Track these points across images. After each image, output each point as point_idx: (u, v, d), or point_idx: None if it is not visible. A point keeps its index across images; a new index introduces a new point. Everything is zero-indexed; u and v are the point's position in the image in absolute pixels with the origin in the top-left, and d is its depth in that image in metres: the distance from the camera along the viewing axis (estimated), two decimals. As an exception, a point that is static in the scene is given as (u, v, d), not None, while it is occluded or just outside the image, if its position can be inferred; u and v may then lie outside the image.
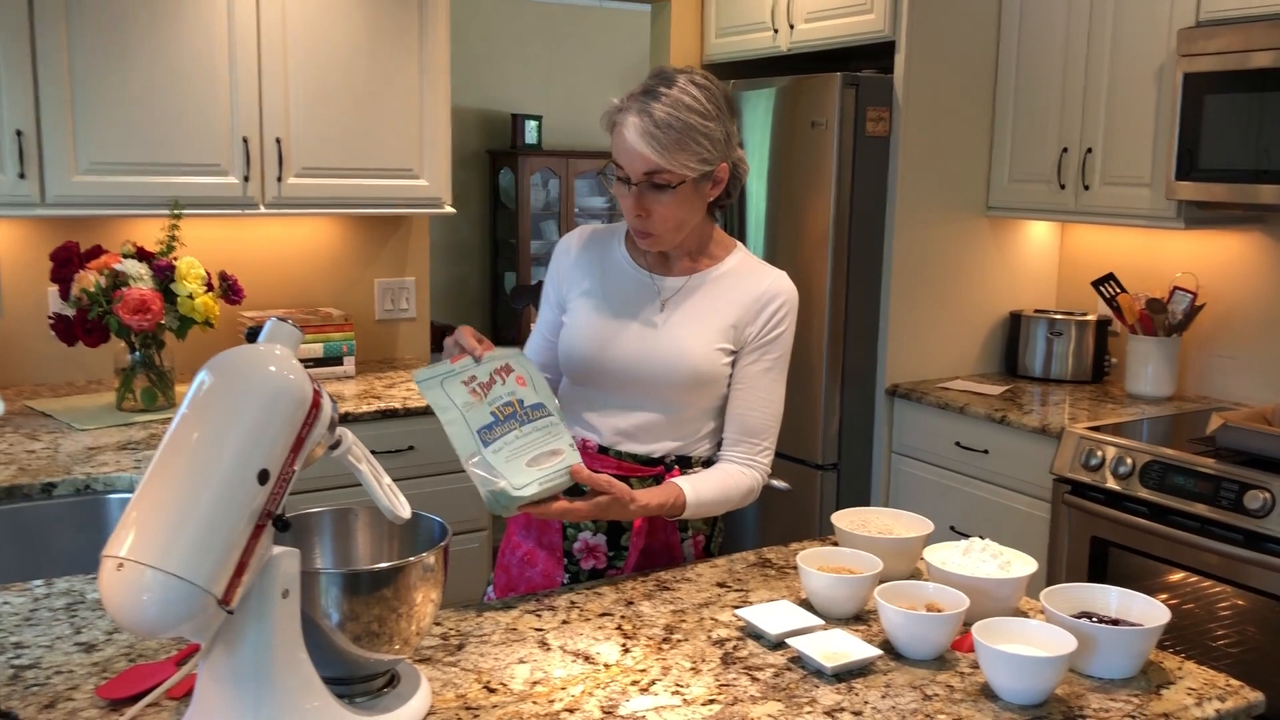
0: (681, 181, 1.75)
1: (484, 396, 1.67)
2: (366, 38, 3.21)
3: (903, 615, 1.49)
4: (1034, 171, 3.44)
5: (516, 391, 1.70)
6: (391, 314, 3.71)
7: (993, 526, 3.17)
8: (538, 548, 1.90)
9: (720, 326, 1.85)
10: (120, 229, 3.19)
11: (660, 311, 1.86)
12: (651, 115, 1.71)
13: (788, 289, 1.90)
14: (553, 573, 1.88)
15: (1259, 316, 3.23)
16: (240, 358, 1.21)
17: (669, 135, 1.71)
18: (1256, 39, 2.74)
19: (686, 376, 1.83)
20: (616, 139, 1.76)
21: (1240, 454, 2.65)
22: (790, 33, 3.75)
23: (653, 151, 1.71)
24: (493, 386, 1.68)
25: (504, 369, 1.70)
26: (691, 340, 1.84)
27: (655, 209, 1.76)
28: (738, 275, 1.89)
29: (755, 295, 1.87)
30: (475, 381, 1.68)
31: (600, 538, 1.87)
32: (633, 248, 1.92)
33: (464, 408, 1.66)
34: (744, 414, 1.89)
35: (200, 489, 1.12)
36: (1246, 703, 1.43)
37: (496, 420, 1.66)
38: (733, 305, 1.86)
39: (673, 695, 1.39)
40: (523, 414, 1.68)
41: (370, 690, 1.33)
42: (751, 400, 1.89)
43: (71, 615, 1.58)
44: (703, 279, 1.88)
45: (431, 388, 1.66)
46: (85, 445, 2.55)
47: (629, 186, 1.76)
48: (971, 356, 3.67)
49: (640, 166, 1.73)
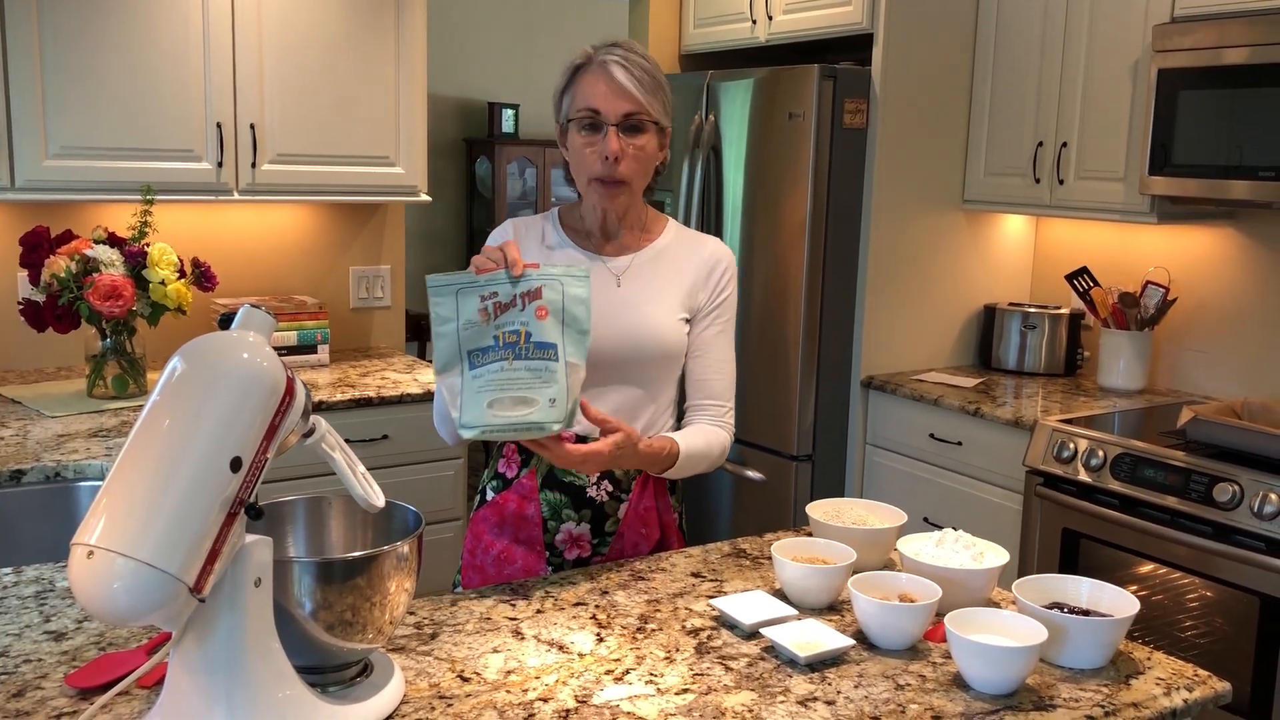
0: (654, 127, 1.81)
1: (492, 319, 1.57)
2: (343, 24, 3.18)
3: (876, 605, 1.49)
4: (1009, 165, 3.45)
5: (530, 323, 1.58)
6: (366, 302, 3.69)
7: (966, 518, 3.19)
8: (514, 544, 1.88)
9: (678, 296, 1.89)
10: (92, 214, 3.15)
11: (618, 289, 1.87)
12: (630, 61, 1.78)
13: (727, 253, 1.96)
14: (534, 568, 1.87)
15: (1230, 311, 3.26)
16: (213, 345, 1.19)
17: (648, 80, 1.79)
18: (1230, 36, 2.76)
19: (658, 351, 1.86)
20: (587, 85, 1.79)
21: (1210, 447, 2.68)
22: (768, 24, 3.75)
23: (636, 89, 1.77)
24: (508, 310, 1.58)
25: (533, 293, 1.58)
26: (656, 315, 1.86)
27: (631, 151, 1.79)
28: (679, 245, 1.94)
29: (701, 262, 1.92)
30: (494, 299, 1.58)
31: (584, 527, 1.86)
32: (574, 232, 1.92)
33: (464, 325, 1.57)
34: (706, 378, 1.93)
35: (172, 476, 1.11)
36: (1214, 692, 1.45)
37: (495, 345, 1.57)
38: (684, 274, 1.90)
39: (647, 685, 1.40)
40: (524, 347, 1.58)
41: (343, 679, 1.32)
42: (711, 364, 1.93)
43: (41, 603, 1.57)
44: (649, 254, 1.91)
45: (444, 294, 1.58)
46: (55, 432, 2.53)
47: (603, 130, 1.78)
48: (946, 349, 3.69)
49: (624, 106, 1.77)
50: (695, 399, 1.93)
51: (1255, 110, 2.72)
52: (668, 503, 1.95)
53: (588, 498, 1.85)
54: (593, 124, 1.79)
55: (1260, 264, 3.18)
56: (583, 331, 1.62)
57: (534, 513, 1.86)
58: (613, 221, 1.89)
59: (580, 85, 1.80)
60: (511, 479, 1.88)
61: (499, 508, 1.89)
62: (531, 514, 1.86)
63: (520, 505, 1.87)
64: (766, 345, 3.55)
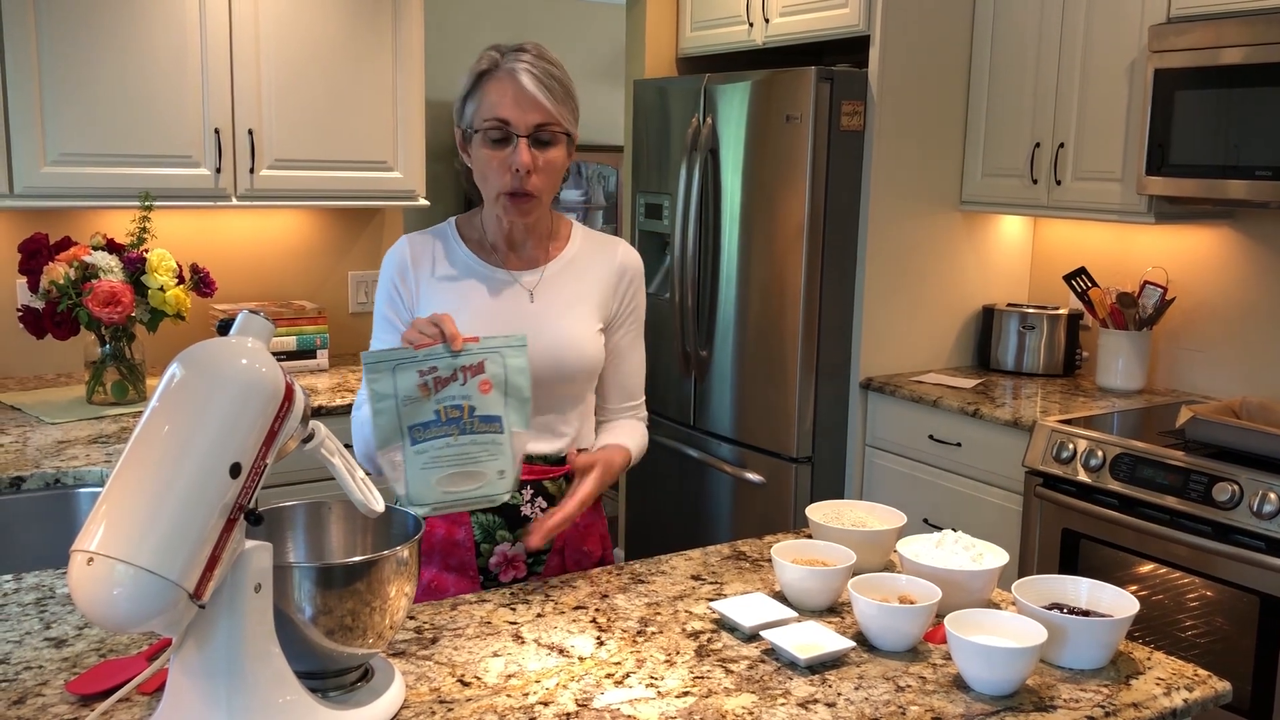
0: (564, 138, 1.73)
1: (433, 393, 1.52)
2: (340, 28, 3.19)
3: (876, 607, 1.49)
4: (1007, 166, 3.46)
5: (474, 397, 1.54)
6: (365, 307, 3.69)
7: (965, 519, 3.19)
8: (444, 571, 1.79)
9: (591, 308, 1.84)
10: (90, 221, 3.15)
11: (531, 304, 1.80)
12: (539, 68, 1.69)
13: (635, 257, 1.91)
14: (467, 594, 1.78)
15: (1228, 311, 3.26)
16: (212, 351, 1.20)
17: (557, 88, 1.70)
18: (1227, 35, 2.77)
19: (578, 366, 1.80)
20: (494, 94, 1.68)
21: (1209, 447, 2.68)
22: (765, 26, 3.76)
23: (546, 99, 1.68)
24: (449, 384, 1.53)
25: (475, 368, 1.54)
26: (574, 329, 1.80)
27: (541, 164, 1.71)
28: (589, 253, 1.87)
29: (612, 270, 1.87)
30: (434, 374, 1.52)
31: (519, 547, 1.78)
32: (477, 245, 1.83)
33: (404, 400, 1.51)
34: (623, 382, 1.93)
35: (172, 483, 1.11)
36: (1214, 692, 1.45)
37: (436, 420, 1.52)
38: (595, 284, 1.85)
39: (647, 688, 1.40)
40: (468, 422, 1.54)
41: (344, 684, 1.32)
42: (627, 369, 1.93)
43: (41, 610, 1.57)
44: (558, 265, 1.84)
45: (379, 370, 1.51)
46: (55, 439, 2.53)
47: (512, 142, 1.69)
48: (944, 350, 3.69)
49: (535, 118, 1.68)
50: (613, 402, 1.92)
51: (1252, 110, 2.72)
52: (601, 515, 1.92)
53: (522, 516, 1.78)
54: (502, 136, 1.69)
55: (1258, 263, 3.19)
56: (524, 400, 1.58)
57: (465, 537, 1.77)
58: (519, 234, 1.81)
59: (487, 93, 1.70)
60: None
61: (426, 535, 1.77)
62: (462, 538, 1.78)
63: (450, 530, 1.78)
64: (765, 348, 3.55)
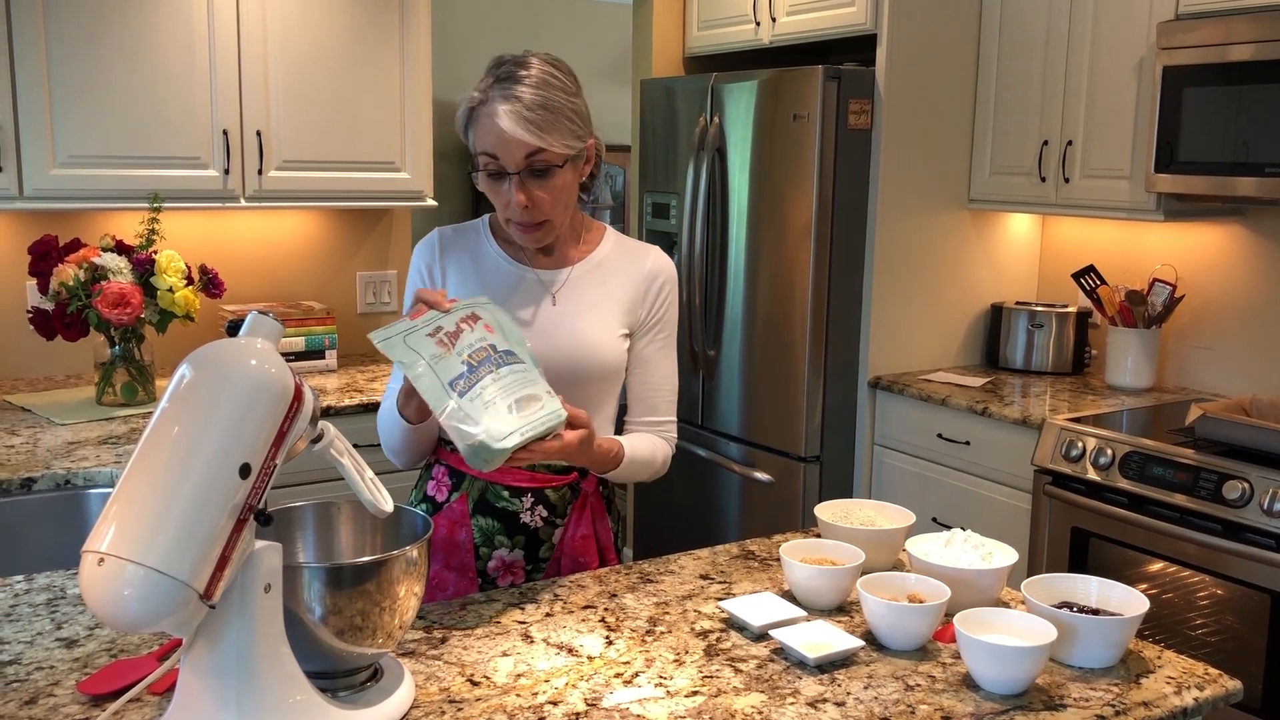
0: (562, 162, 1.69)
1: (452, 346, 1.53)
2: (347, 29, 3.19)
3: (885, 606, 1.49)
4: (1015, 164, 3.45)
5: (486, 338, 1.56)
6: (374, 307, 3.70)
7: (974, 517, 3.19)
8: (445, 570, 1.80)
9: (616, 312, 1.82)
10: (99, 222, 3.16)
11: (554, 306, 1.80)
12: (520, 99, 1.64)
13: (668, 265, 1.88)
14: (467, 594, 1.79)
15: (1237, 308, 3.25)
16: (221, 351, 1.20)
17: (543, 116, 1.65)
18: (1235, 32, 2.76)
19: (596, 369, 1.79)
20: (483, 131, 1.66)
21: (1219, 445, 2.67)
22: (772, 25, 3.75)
23: (530, 135, 1.64)
24: (460, 335, 1.55)
25: (470, 318, 1.57)
26: (593, 331, 1.79)
27: (540, 196, 1.69)
28: (619, 257, 1.86)
29: (641, 275, 1.85)
30: (441, 332, 1.54)
31: (518, 553, 1.80)
32: (506, 243, 1.84)
33: (432, 359, 1.52)
34: (647, 395, 1.87)
35: (181, 483, 1.11)
36: (1225, 691, 1.44)
37: (470, 368, 1.52)
38: (623, 288, 1.83)
39: (656, 687, 1.40)
40: (497, 357, 1.55)
41: (353, 684, 1.32)
42: (653, 381, 1.87)
43: (52, 611, 1.57)
44: (585, 266, 1.83)
45: (393, 345, 1.52)
46: (65, 440, 2.54)
47: (506, 179, 1.68)
48: (953, 349, 3.68)
49: (519, 153, 1.65)
50: (636, 415, 1.88)
51: (1261, 107, 2.71)
52: (606, 525, 1.89)
53: (521, 523, 1.79)
54: (497, 170, 1.68)
55: (1268, 260, 3.18)
56: (521, 339, 1.62)
57: (465, 538, 1.79)
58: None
59: (479, 127, 1.68)
60: (442, 503, 1.82)
61: None
62: (463, 540, 1.79)
63: (451, 530, 1.80)
64: (773, 347, 3.55)
